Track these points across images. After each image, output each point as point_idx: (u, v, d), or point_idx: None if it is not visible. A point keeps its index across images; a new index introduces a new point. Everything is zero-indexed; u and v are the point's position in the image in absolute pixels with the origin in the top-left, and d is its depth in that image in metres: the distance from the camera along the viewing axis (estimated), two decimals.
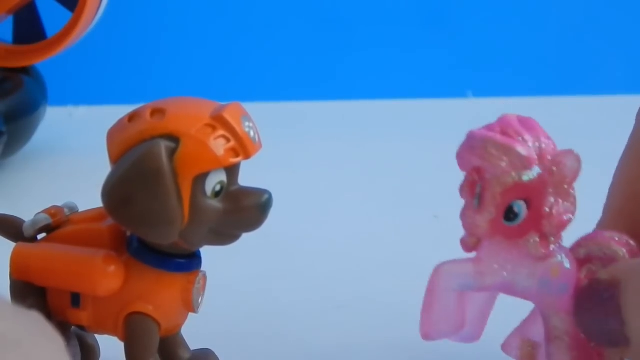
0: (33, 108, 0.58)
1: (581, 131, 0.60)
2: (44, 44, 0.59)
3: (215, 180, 0.27)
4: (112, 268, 0.29)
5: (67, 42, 0.57)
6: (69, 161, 0.59)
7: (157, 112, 0.28)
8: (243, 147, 0.27)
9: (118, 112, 0.30)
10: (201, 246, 0.29)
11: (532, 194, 0.28)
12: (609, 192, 0.32)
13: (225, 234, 0.28)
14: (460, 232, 0.31)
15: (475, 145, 0.28)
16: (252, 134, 0.28)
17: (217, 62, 0.80)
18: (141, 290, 0.29)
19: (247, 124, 0.28)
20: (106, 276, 0.29)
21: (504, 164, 0.28)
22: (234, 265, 0.41)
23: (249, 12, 0.80)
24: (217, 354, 0.31)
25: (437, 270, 0.30)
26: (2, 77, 0.57)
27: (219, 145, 0.27)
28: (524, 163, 0.28)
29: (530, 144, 0.28)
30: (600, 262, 0.28)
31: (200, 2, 0.80)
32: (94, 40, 0.62)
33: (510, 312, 0.31)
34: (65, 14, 0.58)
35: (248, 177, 0.29)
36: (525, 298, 0.29)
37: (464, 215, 0.29)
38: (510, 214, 0.28)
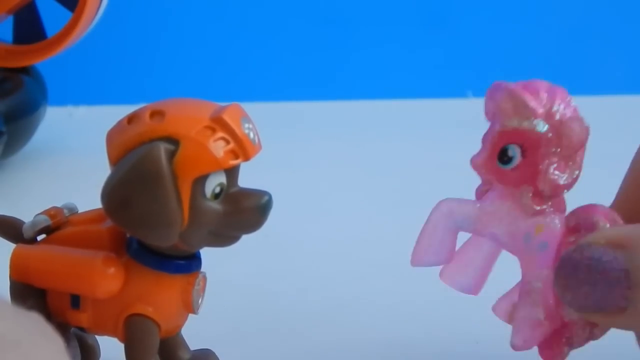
0: (33, 108, 0.58)
1: None
2: (44, 44, 0.59)
3: (214, 182, 0.27)
4: (112, 270, 0.29)
5: (67, 42, 0.57)
6: (69, 161, 0.59)
7: (157, 113, 0.28)
8: (242, 149, 0.27)
9: (118, 112, 0.30)
10: (201, 248, 0.29)
11: (530, 144, 0.29)
12: (621, 183, 0.32)
13: (225, 236, 0.28)
14: (460, 233, 0.31)
15: (492, 92, 0.30)
16: (251, 135, 0.28)
17: (217, 62, 0.80)
18: (141, 291, 0.29)
19: (246, 125, 0.28)
20: (106, 278, 0.29)
21: (508, 108, 0.29)
22: (234, 266, 0.41)
23: (249, 12, 0.80)
24: (217, 354, 0.31)
25: (440, 204, 0.31)
26: (2, 77, 0.57)
27: (218, 148, 0.27)
28: (527, 112, 0.29)
29: (543, 102, 0.30)
30: (585, 231, 0.29)
31: (200, 2, 0.80)
32: (94, 40, 0.62)
33: (514, 274, 0.31)
34: (65, 14, 0.58)
35: (248, 177, 0.29)
36: (509, 251, 0.30)
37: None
38: (504, 156, 0.29)
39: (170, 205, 0.27)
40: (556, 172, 0.29)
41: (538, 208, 0.29)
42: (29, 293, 0.30)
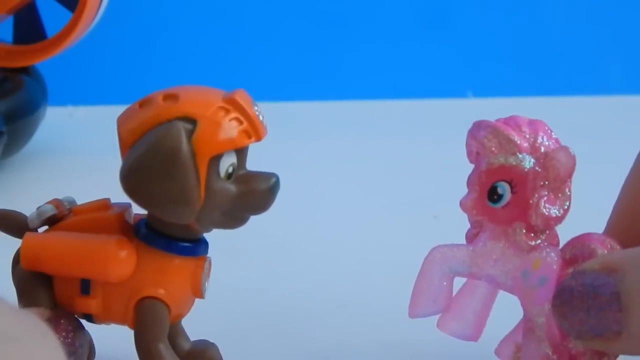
0: (33, 108, 0.58)
1: (581, 131, 0.60)
2: (44, 44, 0.59)
3: (228, 162, 0.28)
4: (124, 253, 0.29)
5: (67, 42, 0.57)
6: (69, 161, 0.59)
7: (170, 97, 0.28)
8: (255, 129, 0.28)
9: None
10: (211, 229, 0.29)
11: (519, 179, 0.29)
12: (612, 208, 0.32)
13: (235, 217, 0.29)
14: (461, 233, 0.31)
15: (474, 130, 0.30)
16: (261, 117, 0.29)
17: (217, 62, 0.80)
18: (152, 274, 0.29)
19: (255, 107, 0.29)
20: (119, 261, 0.29)
21: (492, 145, 0.29)
22: (234, 265, 0.41)
23: (249, 12, 0.80)
24: None
25: (432, 252, 0.31)
26: (2, 77, 0.57)
27: (233, 127, 0.28)
28: (512, 148, 0.29)
29: (526, 135, 0.29)
30: (583, 260, 0.29)
31: (200, 2, 0.80)
32: (94, 40, 0.62)
33: (510, 314, 0.31)
34: (65, 14, 0.58)
35: None
36: (508, 290, 0.30)
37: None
38: (494, 195, 0.29)
39: (190, 183, 0.27)
40: (547, 205, 0.29)
41: (532, 243, 0.29)
42: (37, 282, 0.30)
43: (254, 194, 0.28)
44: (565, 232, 0.30)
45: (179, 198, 0.27)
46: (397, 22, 0.81)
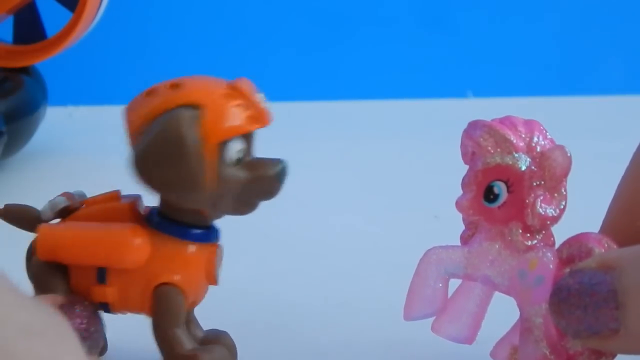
0: (33, 108, 0.58)
1: (581, 131, 0.60)
2: (44, 44, 0.59)
3: (236, 148, 0.28)
4: (139, 240, 0.29)
5: (67, 42, 0.57)
6: (69, 161, 0.59)
7: (175, 85, 0.29)
8: (260, 115, 0.29)
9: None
10: (225, 214, 0.30)
11: (515, 178, 0.29)
12: (608, 208, 0.32)
13: (245, 202, 0.29)
14: (461, 233, 0.31)
15: (470, 130, 0.30)
16: (265, 104, 0.29)
17: (218, 62, 0.80)
18: (167, 261, 0.29)
19: (259, 95, 0.29)
20: (134, 247, 0.29)
21: (489, 145, 0.29)
22: (233, 263, 0.41)
23: (249, 12, 0.80)
24: None
25: (427, 254, 0.31)
26: (2, 77, 0.57)
27: (238, 113, 0.28)
28: (509, 147, 0.29)
29: (522, 135, 0.29)
30: (579, 260, 0.29)
31: (201, 2, 0.80)
32: (94, 40, 0.62)
33: (505, 316, 0.31)
34: (65, 14, 0.58)
35: None
36: (504, 292, 0.30)
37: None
38: (490, 194, 0.29)
39: (196, 169, 0.28)
40: (543, 205, 0.29)
41: (529, 243, 0.29)
42: (53, 272, 0.31)
43: (262, 179, 0.29)
44: (562, 232, 0.30)
45: (188, 184, 0.28)
46: (397, 22, 0.81)
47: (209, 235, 0.30)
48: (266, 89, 0.30)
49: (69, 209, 0.31)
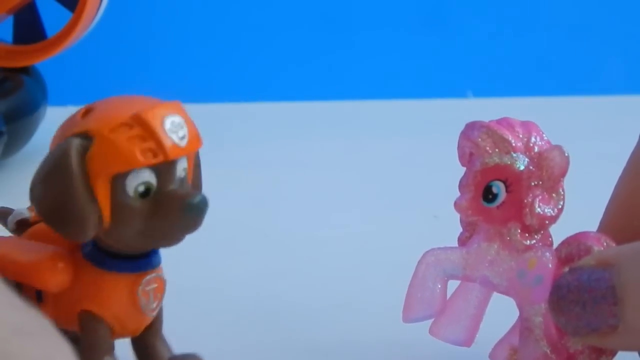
0: (33, 108, 0.58)
1: (581, 131, 0.60)
2: (44, 44, 0.59)
3: (136, 181, 0.27)
4: (60, 264, 0.29)
5: (67, 42, 0.57)
6: None
7: (88, 110, 0.28)
8: (161, 148, 0.27)
9: None
10: (137, 248, 0.28)
11: (513, 178, 0.29)
12: (605, 208, 0.32)
13: (157, 237, 0.28)
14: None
15: (468, 131, 0.30)
16: (176, 135, 0.27)
17: (218, 62, 0.80)
18: (86, 289, 0.29)
19: (170, 124, 0.27)
20: (54, 272, 0.29)
21: (487, 145, 0.29)
22: (235, 264, 0.41)
23: (250, 13, 0.80)
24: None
25: (425, 255, 0.31)
26: (2, 77, 0.57)
27: (132, 145, 0.26)
28: (507, 147, 0.29)
29: (520, 135, 0.30)
30: (578, 258, 0.29)
31: (201, 2, 0.80)
32: (94, 40, 0.62)
33: (504, 318, 0.31)
34: (65, 14, 0.58)
35: (248, 176, 0.29)
36: (503, 292, 0.30)
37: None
38: (488, 194, 0.29)
39: (80, 201, 0.27)
40: (541, 205, 0.29)
41: (527, 243, 0.29)
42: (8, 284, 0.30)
43: (164, 215, 0.27)
44: (560, 232, 0.30)
45: (70, 216, 0.27)
46: (397, 22, 0.81)
47: (136, 265, 0.29)
48: (266, 89, 0.30)
49: (31, 222, 0.31)
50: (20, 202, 0.32)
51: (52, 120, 0.61)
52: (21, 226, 0.31)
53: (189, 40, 0.80)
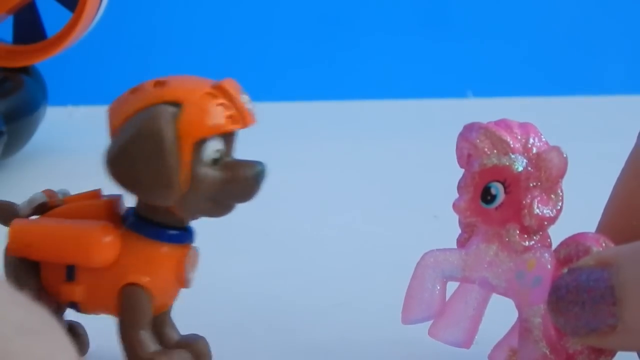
0: (33, 108, 0.58)
1: (580, 131, 0.60)
2: (44, 44, 0.59)
3: (213, 148, 0.28)
4: (109, 238, 0.29)
5: (67, 42, 0.57)
6: (69, 161, 0.59)
7: (160, 83, 0.29)
8: (242, 116, 0.28)
9: None
10: (198, 216, 0.29)
11: (512, 179, 0.29)
12: (604, 208, 0.32)
13: (219, 204, 0.29)
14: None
15: (466, 133, 0.30)
16: (249, 106, 0.29)
17: (218, 62, 0.80)
18: (137, 261, 0.29)
19: (244, 96, 0.29)
20: (102, 246, 0.29)
21: (485, 146, 0.29)
22: (233, 261, 0.41)
23: (250, 13, 0.80)
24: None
25: (424, 257, 0.31)
26: (2, 77, 0.57)
27: (219, 112, 0.28)
28: (505, 148, 0.29)
29: (518, 136, 0.30)
30: (577, 259, 0.29)
31: (202, 3, 0.80)
32: (94, 40, 0.62)
33: (502, 319, 0.31)
34: (65, 14, 0.58)
35: None
36: (502, 293, 0.30)
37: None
38: (487, 195, 0.29)
39: (171, 165, 0.27)
40: (540, 206, 0.29)
41: (526, 244, 0.29)
42: (23, 268, 0.30)
43: (238, 181, 0.28)
44: (559, 233, 0.30)
45: (161, 180, 0.27)
46: (397, 22, 0.81)
47: (182, 236, 0.30)
48: (266, 89, 0.30)
49: (49, 206, 0.31)
50: (20, 201, 0.32)
51: (52, 120, 0.62)
52: (39, 211, 0.31)
53: (189, 40, 0.80)
